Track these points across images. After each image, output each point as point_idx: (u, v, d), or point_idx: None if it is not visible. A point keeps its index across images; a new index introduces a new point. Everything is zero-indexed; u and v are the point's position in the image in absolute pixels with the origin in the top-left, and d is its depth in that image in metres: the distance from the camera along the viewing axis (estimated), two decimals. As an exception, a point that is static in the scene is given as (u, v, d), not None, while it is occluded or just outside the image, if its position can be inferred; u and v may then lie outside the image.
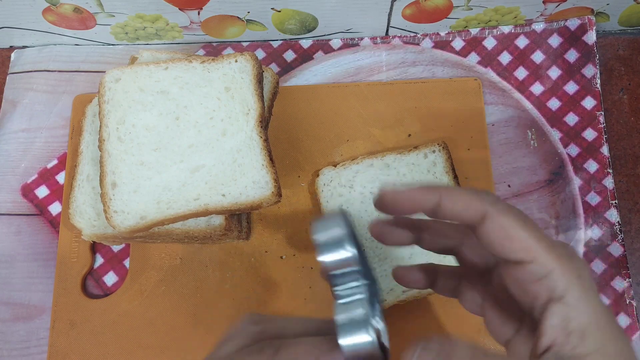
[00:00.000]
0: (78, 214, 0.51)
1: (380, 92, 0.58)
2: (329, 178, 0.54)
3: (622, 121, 0.58)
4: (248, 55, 0.50)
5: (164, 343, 0.52)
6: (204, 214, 0.47)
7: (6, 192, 0.58)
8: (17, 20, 0.59)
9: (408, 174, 0.53)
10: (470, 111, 0.57)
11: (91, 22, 0.59)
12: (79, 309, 0.53)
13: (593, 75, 0.58)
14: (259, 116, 0.48)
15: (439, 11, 0.58)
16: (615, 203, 0.55)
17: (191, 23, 0.59)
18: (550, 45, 0.60)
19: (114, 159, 0.48)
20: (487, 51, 0.60)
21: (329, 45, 0.62)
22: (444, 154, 0.53)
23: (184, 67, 0.50)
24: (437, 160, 0.53)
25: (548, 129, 0.57)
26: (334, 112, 0.58)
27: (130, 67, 0.50)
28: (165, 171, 0.47)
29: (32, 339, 0.54)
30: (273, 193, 0.46)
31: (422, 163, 0.53)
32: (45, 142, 0.60)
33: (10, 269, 0.56)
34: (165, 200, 0.47)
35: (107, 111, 0.49)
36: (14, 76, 0.63)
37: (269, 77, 0.54)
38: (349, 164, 0.54)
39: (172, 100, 0.49)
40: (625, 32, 0.62)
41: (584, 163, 0.56)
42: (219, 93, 0.49)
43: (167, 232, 0.49)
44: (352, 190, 0.53)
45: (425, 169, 0.53)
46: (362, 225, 0.52)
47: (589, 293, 0.29)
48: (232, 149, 0.47)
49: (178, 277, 0.54)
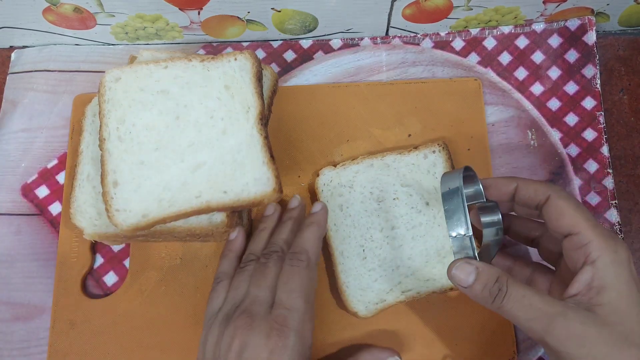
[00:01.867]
0: (79, 214, 0.51)
1: (381, 92, 0.58)
2: (329, 178, 0.54)
3: (622, 121, 0.58)
4: (247, 54, 0.50)
5: (164, 343, 0.52)
6: (206, 211, 0.47)
7: (6, 192, 0.58)
8: (17, 20, 0.59)
9: (408, 174, 0.53)
10: (470, 111, 0.57)
11: (91, 22, 0.59)
12: (79, 308, 0.53)
13: (593, 75, 0.58)
14: (259, 114, 0.48)
15: (439, 11, 0.58)
16: (615, 203, 0.55)
17: (191, 23, 0.59)
18: (550, 46, 0.60)
19: (114, 158, 0.48)
20: (487, 51, 0.60)
21: (329, 45, 0.62)
22: (444, 154, 0.53)
23: (183, 66, 0.50)
24: (437, 161, 0.53)
25: (548, 129, 0.57)
26: (334, 112, 0.58)
27: (130, 67, 0.50)
28: (166, 170, 0.47)
29: (32, 339, 0.54)
30: (274, 189, 0.46)
31: (422, 163, 0.53)
32: (45, 142, 0.60)
33: (10, 269, 0.56)
34: (167, 198, 0.47)
35: (108, 110, 0.49)
36: (14, 76, 0.63)
37: (268, 75, 0.54)
38: (349, 164, 0.54)
39: (172, 99, 0.49)
40: (625, 32, 0.62)
41: (584, 163, 0.56)
42: (218, 92, 0.49)
43: (169, 230, 0.49)
44: (352, 190, 0.53)
45: (425, 169, 0.53)
46: (361, 225, 0.52)
47: (619, 265, 0.37)
48: (232, 147, 0.47)
49: (178, 277, 0.54)
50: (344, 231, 0.52)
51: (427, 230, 0.51)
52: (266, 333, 0.41)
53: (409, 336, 0.51)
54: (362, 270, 0.51)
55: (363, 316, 0.50)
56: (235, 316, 0.43)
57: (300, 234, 0.48)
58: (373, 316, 0.50)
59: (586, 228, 0.39)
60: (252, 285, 0.45)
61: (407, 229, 0.51)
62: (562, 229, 0.40)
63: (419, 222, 0.52)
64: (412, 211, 0.52)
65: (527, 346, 0.51)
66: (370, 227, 0.52)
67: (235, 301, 0.45)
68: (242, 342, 0.41)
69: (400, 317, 0.52)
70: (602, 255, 0.38)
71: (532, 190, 0.42)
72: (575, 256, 0.39)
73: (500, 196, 0.44)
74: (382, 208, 0.52)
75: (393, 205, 0.52)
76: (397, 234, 0.51)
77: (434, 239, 0.51)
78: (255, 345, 0.41)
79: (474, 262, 0.40)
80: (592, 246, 0.38)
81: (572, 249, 0.39)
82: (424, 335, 0.51)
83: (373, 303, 0.50)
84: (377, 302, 0.50)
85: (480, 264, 0.39)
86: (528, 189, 0.42)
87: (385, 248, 0.51)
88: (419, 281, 0.50)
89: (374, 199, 0.53)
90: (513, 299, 0.38)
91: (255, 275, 0.46)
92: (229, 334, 0.42)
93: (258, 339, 0.41)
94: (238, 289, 0.46)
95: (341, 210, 0.53)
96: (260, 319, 0.42)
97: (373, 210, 0.52)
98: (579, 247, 0.39)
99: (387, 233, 0.52)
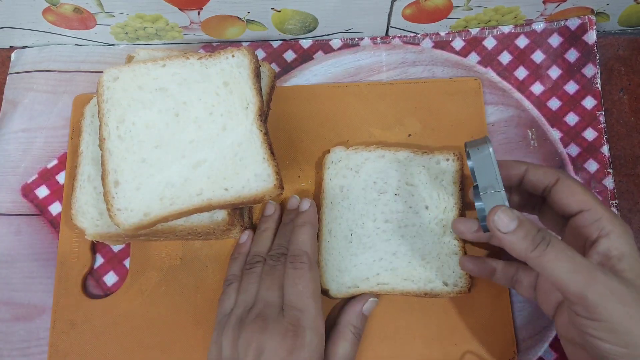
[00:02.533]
0: (81, 214, 0.51)
1: (380, 92, 0.58)
2: (338, 157, 0.54)
3: (622, 121, 0.58)
4: (245, 50, 0.50)
5: (165, 343, 0.52)
6: (208, 208, 0.47)
7: (6, 192, 0.58)
8: (17, 21, 0.59)
9: (416, 174, 0.53)
10: (470, 111, 0.57)
11: (91, 22, 0.59)
12: (79, 309, 0.53)
13: (593, 75, 0.58)
14: (258, 110, 0.48)
15: (439, 11, 0.58)
16: (616, 203, 0.55)
17: (191, 23, 0.59)
18: (551, 45, 0.60)
19: (115, 157, 0.48)
20: (487, 51, 0.60)
21: (329, 45, 0.62)
22: (457, 164, 0.53)
23: (181, 64, 0.50)
24: (448, 169, 0.53)
25: (548, 128, 0.57)
26: (334, 112, 0.58)
27: (128, 66, 0.50)
28: (167, 168, 0.47)
29: (33, 339, 0.54)
30: (275, 185, 0.46)
31: (433, 168, 0.53)
32: (45, 142, 0.60)
33: (11, 269, 0.56)
34: (169, 196, 0.47)
35: (107, 110, 0.49)
36: (14, 76, 0.63)
37: (266, 72, 0.55)
38: (361, 149, 0.54)
39: (171, 97, 0.49)
40: (625, 32, 0.62)
41: (584, 163, 0.56)
42: (217, 88, 0.49)
43: (170, 228, 0.49)
44: (357, 176, 0.53)
45: (434, 174, 0.53)
46: (356, 210, 0.52)
47: (630, 237, 0.40)
48: (232, 143, 0.48)
49: (178, 277, 0.54)
50: (337, 211, 0.52)
51: (418, 233, 0.51)
52: (282, 334, 0.43)
53: (409, 336, 0.51)
54: (345, 253, 0.51)
55: (333, 295, 0.50)
56: (248, 320, 0.45)
57: (295, 235, 0.50)
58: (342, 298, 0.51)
59: (596, 204, 0.41)
60: (262, 288, 0.47)
61: (399, 226, 0.52)
62: (572, 206, 0.42)
63: (413, 222, 0.52)
64: (410, 211, 0.52)
65: (527, 346, 0.51)
66: (364, 214, 0.52)
67: (247, 304, 0.47)
68: (259, 345, 0.43)
69: (400, 317, 0.52)
70: (615, 228, 0.40)
71: (542, 172, 0.44)
72: (587, 231, 0.41)
73: (510, 177, 0.46)
74: (382, 200, 0.53)
75: (392, 200, 0.52)
76: (388, 227, 0.52)
77: (423, 243, 0.51)
78: (273, 346, 0.43)
79: (516, 211, 0.39)
80: (605, 221, 0.40)
81: (584, 225, 0.41)
82: (424, 335, 0.51)
83: (346, 286, 0.51)
84: (350, 287, 0.51)
85: (521, 215, 0.39)
86: (537, 171, 0.44)
87: (373, 238, 0.52)
88: (397, 278, 0.51)
89: (376, 189, 0.53)
90: (557, 249, 0.37)
91: (264, 278, 0.48)
92: (245, 337, 0.44)
93: (275, 341, 0.43)
94: (248, 291, 0.47)
95: (341, 191, 0.53)
96: (273, 321, 0.44)
97: (372, 199, 0.53)
98: (591, 223, 0.41)
99: (379, 225, 0.52)
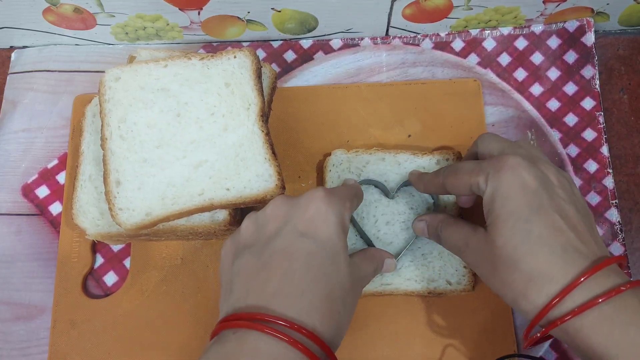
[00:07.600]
0: (82, 214, 0.51)
1: (381, 93, 0.58)
2: (339, 160, 0.54)
3: (622, 121, 0.58)
4: (247, 51, 0.50)
5: (165, 343, 0.52)
6: (209, 208, 0.47)
7: (6, 192, 0.58)
8: (17, 20, 0.59)
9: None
10: (470, 112, 0.57)
11: (91, 22, 0.59)
12: (79, 309, 0.53)
13: (592, 76, 0.58)
14: (260, 110, 0.48)
15: (439, 11, 0.58)
16: (616, 203, 0.55)
17: (191, 23, 0.59)
18: (549, 47, 0.60)
19: (116, 157, 0.48)
20: (487, 52, 0.60)
21: (329, 46, 0.62)
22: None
23: (183, 65, 0.50)
24: None
25: (548, 129, 0.57)
26: (334, 113, 0.58)
27: (130, 66, 0.50)
28: (169, 167, 0.47)
29: (33, 339, 0.54)
30: (277, 185, 0.47)
31: (433, 168, 0.53)
32: (45, 142, 0.60)
33: (11, 269, 0.56)
34: (170, 196, 0.47)
35: (108, 110, 0.49)
36: (14, 76, 0.63)
37: (267, 73, 0.55)
38: (362, 152, 0.54)
39: (173, 97, 0.49)
40: (625, 32, 0.62)
41: (584, 163, 0.56)
42: (219, 89, 0.49)
43: (172, 228, 0.49)
44: (358, 179, 0.53)
45: None
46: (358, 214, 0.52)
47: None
48: (234, 144, 0.48)
49: (179, 277, 0.54)
50: None
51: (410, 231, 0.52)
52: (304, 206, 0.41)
53: (409, 336, 0.51)
54: None
55: None
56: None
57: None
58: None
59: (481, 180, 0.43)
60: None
61: (401, 228, 0.52)
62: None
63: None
64: (411, 212, 0.52)
65: (527, 346, 0.52)
66: (366, 217, 0.52)
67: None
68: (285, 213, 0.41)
69: (400, 317, 0.52)
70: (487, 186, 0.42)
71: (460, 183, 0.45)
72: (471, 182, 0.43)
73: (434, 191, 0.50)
74: (383, 202, 0.53)
75: (394, 202, 0.53)
76: (389, 229, 0.52)
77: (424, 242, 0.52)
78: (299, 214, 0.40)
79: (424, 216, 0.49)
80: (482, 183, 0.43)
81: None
82: (424, 335, 0.51)
83: None
84: None
85: (427, 216, 0.49)
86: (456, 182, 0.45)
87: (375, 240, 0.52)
88: (400, 278, 0.51)
89: (377, 191, 0.53)
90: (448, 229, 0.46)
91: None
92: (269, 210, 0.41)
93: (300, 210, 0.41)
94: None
95: None
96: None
97: (373, 201, 0.53)
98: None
99: (380, 226, 0.52)
